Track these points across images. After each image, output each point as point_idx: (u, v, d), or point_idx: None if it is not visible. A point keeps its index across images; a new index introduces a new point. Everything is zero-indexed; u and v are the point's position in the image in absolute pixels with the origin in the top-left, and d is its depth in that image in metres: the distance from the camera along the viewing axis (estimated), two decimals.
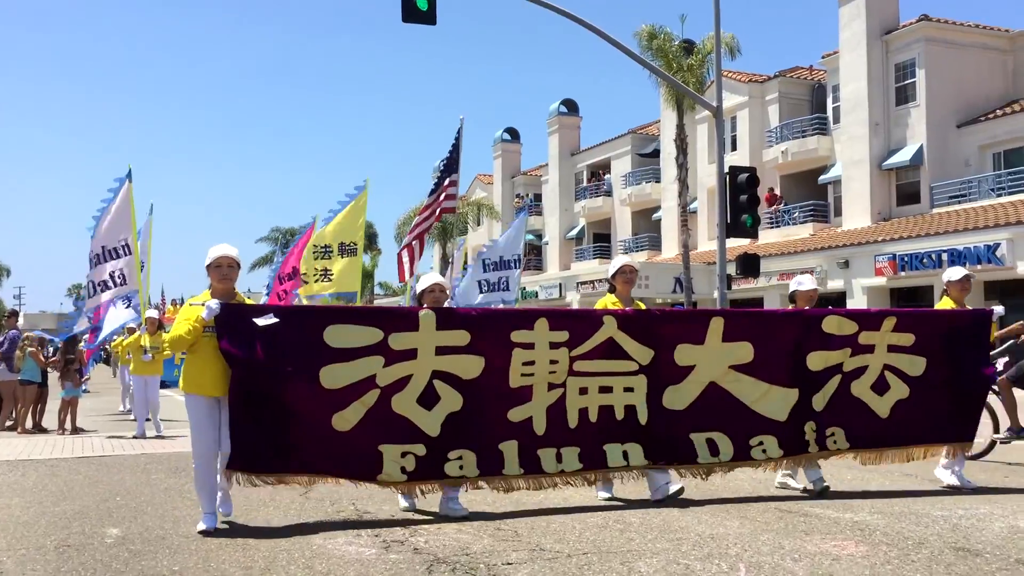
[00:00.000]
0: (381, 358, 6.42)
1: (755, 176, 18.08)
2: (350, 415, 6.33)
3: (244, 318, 6.16)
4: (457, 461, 6.49)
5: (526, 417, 6.75)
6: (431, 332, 6.52)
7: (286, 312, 6.66)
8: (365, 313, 7.06)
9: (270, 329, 6.11)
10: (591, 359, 6.90)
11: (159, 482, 8.52)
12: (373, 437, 6.38)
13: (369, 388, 6.38)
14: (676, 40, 29.55)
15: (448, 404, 6.53)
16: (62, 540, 5.97)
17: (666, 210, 39.12)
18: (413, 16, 15.71)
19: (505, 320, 6.99)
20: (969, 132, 29.44)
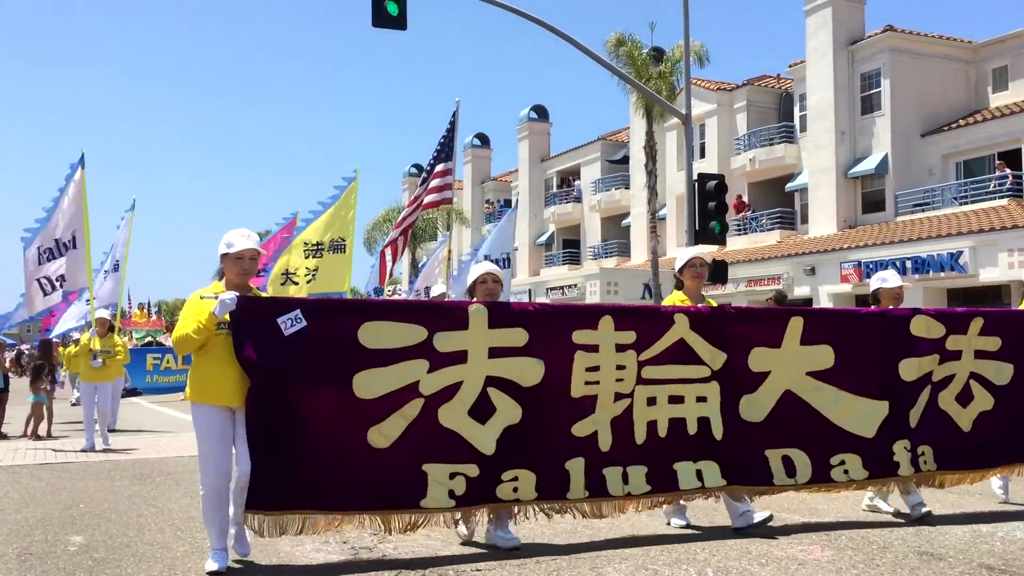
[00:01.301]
0: (425, 362, 5.42)
1: (723, 183, 18.20)
2: (389, 430, 5.32)
3: (265, 316, 5.19)
4: (511, 483, 5.52)
5: (591, 432, 5.80)
6: (483, 330, 5.55)
7: (315, 307, 5.47)
8: (406, 308, 6.02)
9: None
10: (660, 364, 5.97)
11: (123, 489, 8.41)
12: (416, 455, 5.35)
13: (411, 397, 5.38)
14: (645, 48, 29.71)
15: (505, 416, 5.56)
16: (24, 548, 5.88)
17: (635, 216, 39.30)
18: (383, 21, 15.67)
19: (566, 317, 5.95)
20: (932, 141, 29.86)
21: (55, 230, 12.36)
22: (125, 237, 15.07)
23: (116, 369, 12.93)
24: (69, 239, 12.34)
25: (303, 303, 5.48)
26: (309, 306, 5.41)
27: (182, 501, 7.66)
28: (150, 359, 22.90)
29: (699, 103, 33.43)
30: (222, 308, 5.02)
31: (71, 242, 12.35)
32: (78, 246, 12.39)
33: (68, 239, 12.35)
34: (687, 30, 19.62)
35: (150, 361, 22.81)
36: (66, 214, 12.39)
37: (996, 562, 5.32)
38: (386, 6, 15.48)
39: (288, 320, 5.18)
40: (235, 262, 5.25)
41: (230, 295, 5.07)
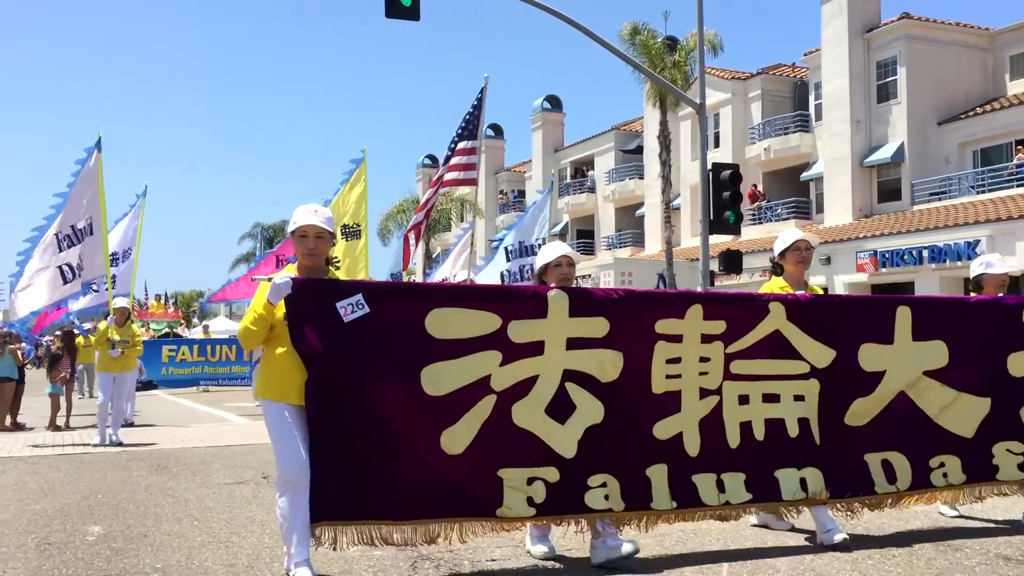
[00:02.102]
0: (498, 354, 4.86)
1: (738, 173, 18.13)
2: (462, 432, 4.76)
3: (323, 301, 4.62)
4: (601, 489, 4.96)
5: (675, 433, 5.20)
6: (562, 319, 4.97)
7: (378, 291, 4.84)
8: (479, 293, 5.46)
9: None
10: (752, 358, 5.38)
11: (140, 479, 8.47)
12: (491, 460, 4.82)
13: (483, 394, 4.82)
14: (659, 37, 29.61)
15: (586, 415, 4.99)
16: (43, 538, 5.93)
17: (649, 206, 39.21)
18: (396, 12, 15.66)
19: (651, 305, 5.30)
20: (949, 130, 29.64)
21: (73, 215, 12.00)
22: (137, 225, 14.68)
23: (133, 360, 12.54)
24: (85, 225, 12.00)
25: (364, 286, 4.82)
26: (371, 290, 4.78)
27: (199, 491, 7.71)
28: (166, 351, 22.94)
29: (713, 92, 33.28)
30: (275, 293, 4.50)
31: (87, 228, 12.00)
32: (95, 232, 12.05)
33: (84, 225, 12.00)
34: (701, 19, 19.53)
35: (165, 353, 22.84)
36: (82, 199, 12.02)
37: (1014, 552, 5.30)
38: None
39: (348, 305, 4.62)
40: (299, 241, 4.73)
41: (283, 278, 4.53)
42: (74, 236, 11.94)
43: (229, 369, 23.06)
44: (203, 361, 22.83)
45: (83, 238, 11.93)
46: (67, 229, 11.97)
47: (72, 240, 11.95)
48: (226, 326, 45.02)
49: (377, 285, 5.13)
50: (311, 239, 4.71)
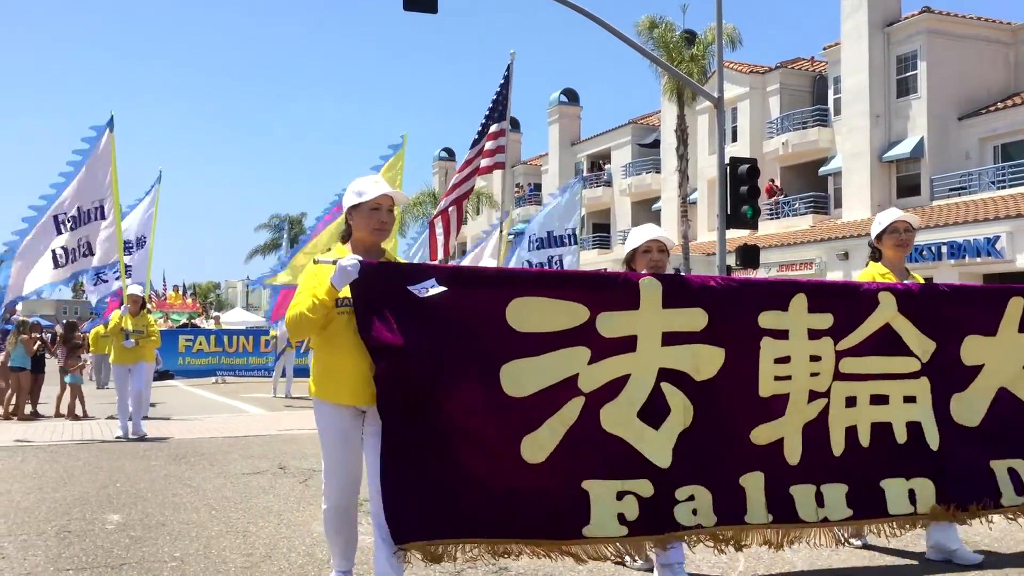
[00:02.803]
0: (586, 350, 4.27)
1: (755, 167, 18.05)
2: (545, 438, 4.15)
3: (396, 286, 4.01)
4: (689, 503, 4.36)
5: (775, 439, 4.63)
6: (656, 310, 4.41)
7: (454, 276, 4.22)
8: (564, 279, 4.72)
9: (432, 302, 4.02)
10: (861, 355, 4.80)
11: (159, 468, 8.53)
12: (576, 470, 4.21)
13: (569, 395, 4.22)
14: (677, 30, 29.51)
15: (679, 418, 4.42)
16: (63, 526, 5.99)
17: (666, 201, 39.10)
18: (414, 4, 15.66)
19: (752, 295, 4.71)
20: (970, 125, 29.40)
21: (79, 197, 11.22)
22: (152, 213, 14.09)
23: (149, 351, 12.00)
24: (94, 208, 11.24)
25: (439, 271, 4.21)
26: (446, 275, 4.16)
27: (216, 481, 7.76)
28: (182, 341, 23.03)
29: (731, 86, 33.12)
30: (341, 277, 3.86)
31: (97, 212, 11.26)
32: (107, 216, 11.36)
33: (94, 208, 11.24)
34: (720, 12, 19.43)
35: (182, 343, 22.93)
36: (91, 181, 11.27)
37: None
38: None
39: (421, 288, 4.02)
40: (370, 215, 4.06)
41: (351, 259, 3.89)
42: (79, 219, 11.17)
43: (246, 360, 23.14)
44: (220, 352, 22.91)
45: (88, 221, 11.21)
46: (71, 210, 11.14)
47: (76, 223, 11.17)
48: (242, 317, 45.26)
49: (452, 269, 4.48)
50: (384, 211, 4.09)
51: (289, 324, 4.06)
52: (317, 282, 3.95)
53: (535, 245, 14.40)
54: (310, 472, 8.19)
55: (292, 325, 4.02)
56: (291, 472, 8.24)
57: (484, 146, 12.95)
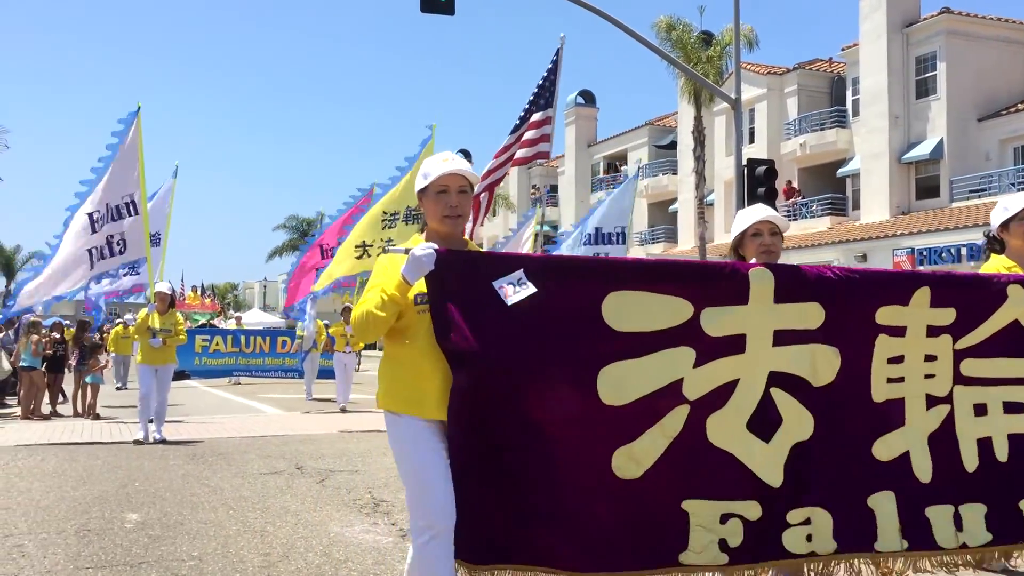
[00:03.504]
0: (691, 351, 3.69)
1: (773, 169, 17.98)
2: (642, 452, 3.60)
3: (476, 279, 3.47)
4: (803, 527, 3.78)
5: (900, 453, 4.00)
6: (767, 305, 3.82)
7: (543, 267, 3.63)
8: (665, 270, 3.91)
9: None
10: (985, 356, 4.15)
11: (176, 468, 8.58)
12: (676, 488, 3.67)
13: (673, 403, 3.67)
14: (695, 32, 29.46)
15: (793, 430, 3.81)
16: (82, 524, 6.03)
17: (683, 202, 39.03)
18: (431, 6, 15.69)
19: (872, 288, 4.03)
20: (990, 126, 29.20)
21: (109, 194, 10.97)
22: (167, 209, 13.40)
23: (174, 351, 11.50)
24: (125, 203, 10.94)
25: (525, 261, 3.64)
26: (535, 265, 3.60)
27: (234, 481, 7.80)
28: (199, 341, 23.02)
29: (749, 87, 33.04)
30: (414, 268, 3.32)
31: (128, 207, 10.94)
32: (138, 211, 10.98)
33: (124, 203, 10.95)
34: (737, 13, 19.38)
35: (199, 343, 22.90)
36: (121, 176, 10.98)
37: None
38: None
39: (510, 284, 3.45)
40: (436, 200, 3.49)
41: (425, 248, 3.34)
42: (107, 215, 10.96)
43: (263, 361, 23.16)
44: (236, 352, 22.91)
45: (119, 217, 10.95)
46: (102, 208, 10.95)
47: (104, 220, 10.96)
48: (259, 318, 45.47)
49: (542, 260, 3.88)
50: (453, 194, 3.49)
51: (356, 324, 3.46)
52: (387, 275, 3.41)
53: (584, 240, 13.89)
54: (327, 472, 8.22)
55: (359, 325, 3.43)
56: (308, 472, 8.27)
57: (524, 135, 12.00)
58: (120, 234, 10.93)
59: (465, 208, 3.52)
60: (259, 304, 77.21)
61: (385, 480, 7.80)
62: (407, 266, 3.32)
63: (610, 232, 13.90)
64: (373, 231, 13.32)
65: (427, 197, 3.53)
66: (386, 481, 7.75)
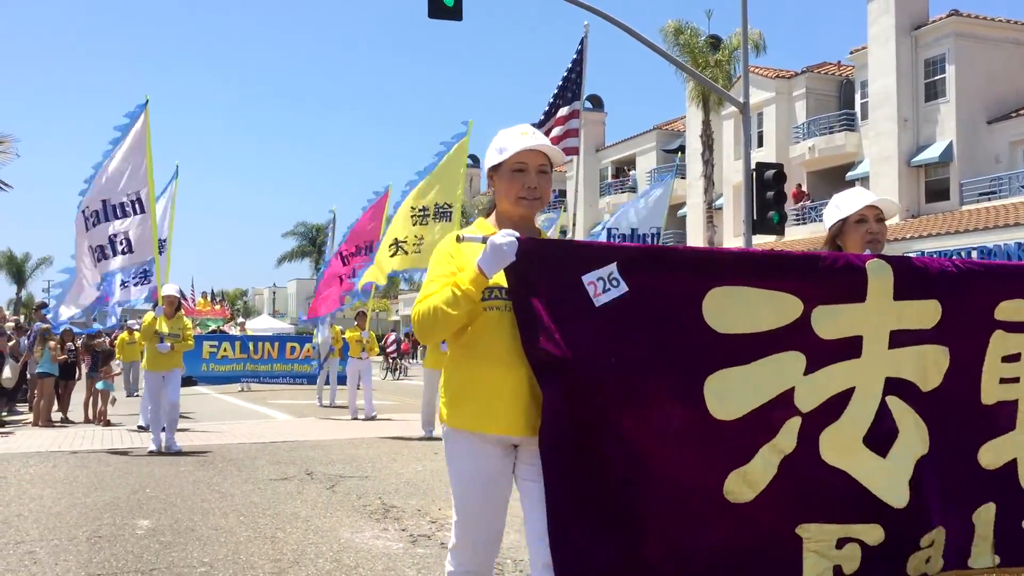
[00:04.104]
0: (801, 356, 3.21)
1: (782, 172, 17.93)
2: (757, 472, 3.13)
3: (564, 271, 2.97)
4: (925, 551, 3.36)
5: (1007, 460, 3.60)
6: (886, 302, 3.34)
7: (636, 257, 3.10)
8: (771, 264, 3.31)
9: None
10: None
11: (187, 474, 8.59)
12: (790, 512, 3.22)
13: (785, 416, 3.19)
14: (702, 36, 29.47)
15: (913, 443, 3.37)
16: (93, 531, 6.04)
17: (691, 206, 38.98)
18: (439, 12, 15.71)
19: (995, 282, 3.59)
20: (1000, 128, 29.10)
21: (109, 189, 10.49)
22: (168, 211, 12.80)
23: (181, 356, 11.04)
24: (129, 200, 10.44)
25: (618, 252, 3.10)
26: (628, 258, 3.06)
27: (244, 487, 7.81)
28: (206, 347, 22.92)
29: (757, 91, 33.00)
30: (494, 259, 2.82)
31: (134, 205, 10.43)
32: (146, 210, 10.47)
33: (128, 200, 10.45)
34: (745, 17, 19.35)
35: (207, 349, 22.83)
36: (124, 170, 10.46)
37: None
38: None
39: (600, 280, 2.95)
40: (512, 179, 3.03)
41: (507, 236, 2.84)
42: (104, 212, 10.50)
43: (271, 367, 23.10)
44: (245, 358, 22.84)
45: (123, 215, 10.51)
46: (96, 204, 10.46)
47: (102, 217, 10.51)
48: (268, 324, 45.55)
49: (637, 251, 3.25)
50: (532, 174, 3.02)
51: (420, 322, 2.95)
52: (453, 266, 2.96)
53: (618, 242, 13.73)
54: (337, 478, 8.23)
55: (424, 323, 2.93)
56: (318, 478, 8.27)
57: (551, 131, 11.18)
58: (124, 232, 10.46)
59: (544, 190, 3.06)
60: (268, 310, 77.43)
61: (396, 486, 7.80)
62: (487, 256, 2.82)
63: (645, 233, 13.83)
64: (404, 227, 12.79)
65: (500, 175, 3.06)
66: (396, 487, 7.75)
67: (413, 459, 9.64)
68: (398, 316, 59.17)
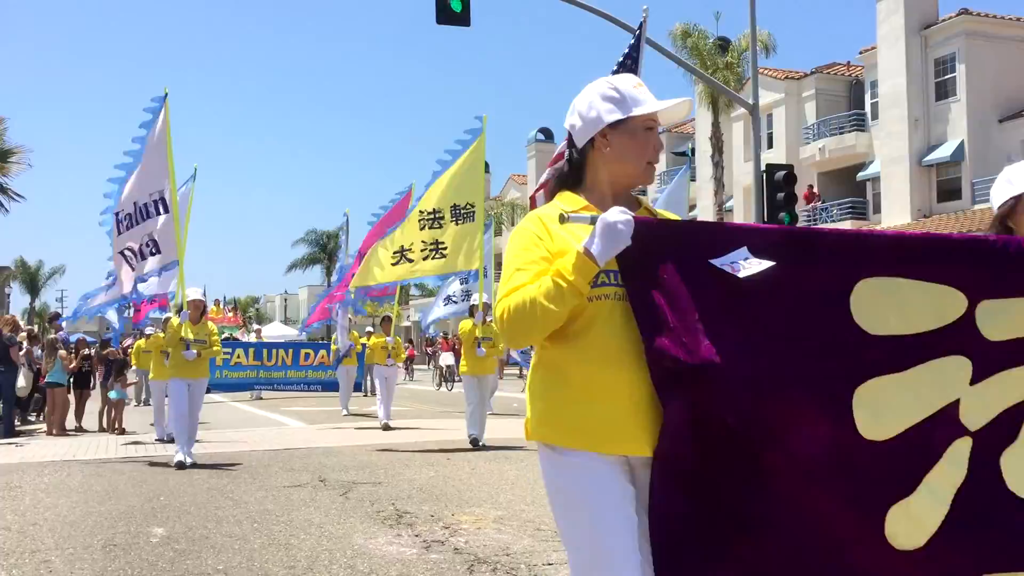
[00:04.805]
0: (965, 362, 2.54)
1: (792, 174, 17.89)
2: (924, 508, 2.44)
3: (689, 256, 2.43)
4: None
5: None
6: None
7: (779, 241, 2.50)
8: (924, 247, 2.64)
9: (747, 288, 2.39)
10: None
11: (201, 482, 8.62)
12: (972, 560, 2.48)
13: (951, 436, 2.52)
14: (711, 38, 29.45)
15: None
16: (108, 539, 6.07)
17: (701, 209, 38.89)
18: (447, 17, 15.75)
19: None
20: (1011, 127, 28.97)
21: (137, 191, 10.24)
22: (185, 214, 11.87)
23: (207, 364, 10.49)
24: (152, 201, 10.13)
25: (750, 235, 2.49)
26: (762, 242, 2.45)
27: (258, 494, 7.82)
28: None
29: (766, 92, 32.92)
30: (605, 243, 2.26)
31: (157, 205, 10.12)
32: (170, 210, 10.13)
33: (150, 201, 10.14)
34: (753, 19, 19.33)
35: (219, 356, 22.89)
36: (150, 171, 10.18)
37: None
38: (450, 3, 15.55)
39: (736, 261, 2.38)
40: (641, 139, 2.48)
41: (620, 213, 2.27)
42: (135, 216, 10.22)
43: (284, 374, 23.01)
44: (258, 365, 22.73)
45: (147, 216, 10.18)
46: (128, 207, 10.25)
47: (132, 220, 10.26)
48: (280, 331, 45.65)
49: (773, 233, 2.57)
50: (654, 137, 2.51)
51: (511, 320, 2.34)
52: (549, 250, 2.38)
53: None
54: (350, 484, 8.23)
55: (516, 323, 2.33)
56: (331, 485, 8.28)
57: None
58: (149, 234, 10.18)
59: (654, 152, 2.54)
60: (280, 317, 77.63)
61: (409, 492, 7.80)
62: (600, 239, 2.25)
63: None
64: (412, 234, 12.09)
65: (621, 132, 2.45)
66: (409, 493, 7.75)
67: (426, 465, 9.65)
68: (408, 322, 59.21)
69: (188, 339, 9.98)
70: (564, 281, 2.26)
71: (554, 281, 2.27)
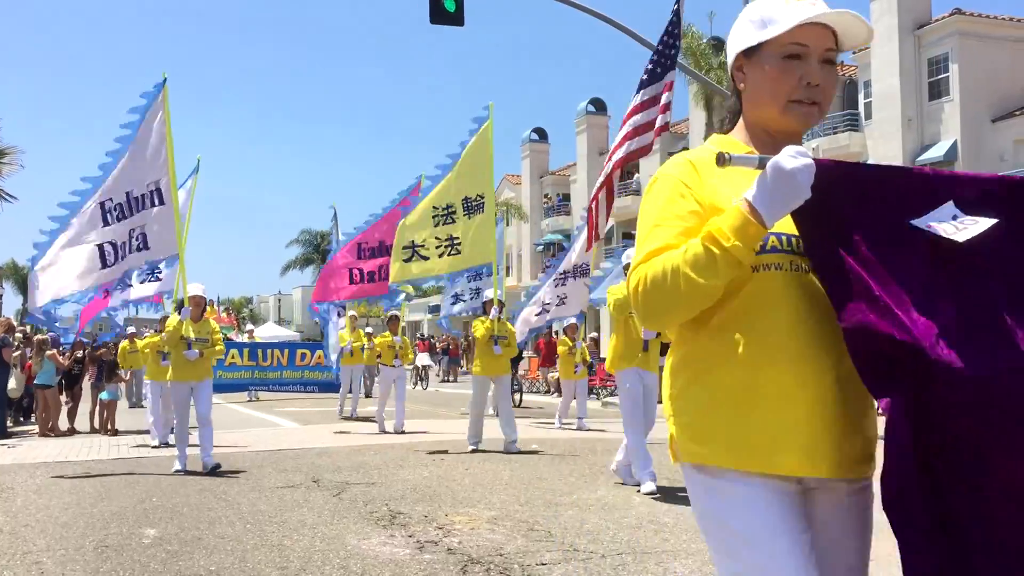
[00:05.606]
0: None
1: None
2: None
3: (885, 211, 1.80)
4: None
5: None
6: None
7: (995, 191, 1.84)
8: None
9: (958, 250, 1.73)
10: None
11: (194, 483, 8.59)
12: None
13: None
14: (705, 38, 29.46)
15: None
16: (100, 540, 6.04)
17: None
18: (441, 18, 15.73)
19: None
20: (1004, 127, 29.04)
21: (128, 180, 9.53)
22: (187, 208, 11.70)
23: (210, 364, 9.90)
24: (148, 192, 9.48)
25: (957, 186, 1.88)
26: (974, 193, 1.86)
27: (251, 495, 7.80)
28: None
29: None
30: (778, 195, 1.71)
31: (153, 196, 9.47)
32: (166, 201, 9.49)
33: (147, 192, 9.48)
34: None
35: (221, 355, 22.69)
36: (143, 160, 9.57)
37: None
38: (443, 3, 15.53)
39: (945, 220, 1.79)
40: (782, 69, 1.90)
41: (799, 157, 1.71)
42: (128, 206, 9.50)
43: (280, 374, 22.87)
44: (253, 365, 22.53)
45: (142, 208, 9.51)
46: (119, 197, 9.49)
47: (124, 211, 9.50)
48: (274, 332, 45.59)
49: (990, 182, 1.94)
50: (813, 62, 1.90)
51: (647, 295, 1.82)
52: (699, 201, 1.88)
53: None
54: (344, 485, 8.22)
55: (655, 298, 1.81)
56: (325, 485, 8.26)
57: (661, 99, 9.16)
58: (140, 227, 9.48)
59: (829, 91, 1.92)
60: (274, 318, 77.46)
61: (402, 492, 7.79)
62: (770, 189, 1.71)
63: None
64: (424, 229, 11.86)
65: (759, 63, 1.93)
66: (403, 493, 7.73)
67: (420, 465, 9.63)
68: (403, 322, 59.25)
69: (189, 338, 9.40)
70: (718, 246, 1.72)
71: (705, 246, 1.73)
